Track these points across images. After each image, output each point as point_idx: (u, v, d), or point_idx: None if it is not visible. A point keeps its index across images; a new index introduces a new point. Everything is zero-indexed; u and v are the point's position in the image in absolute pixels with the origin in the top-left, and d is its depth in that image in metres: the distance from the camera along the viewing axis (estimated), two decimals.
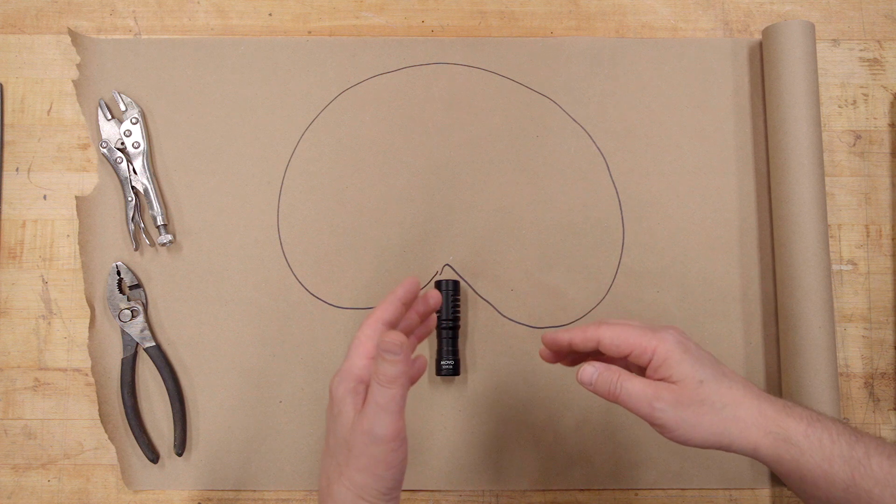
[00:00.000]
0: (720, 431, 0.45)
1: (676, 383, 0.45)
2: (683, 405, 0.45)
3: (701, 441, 0.45)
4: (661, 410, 0.45)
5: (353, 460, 0.43)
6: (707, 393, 0.45)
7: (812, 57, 0.64)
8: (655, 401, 0.45)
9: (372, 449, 0.42)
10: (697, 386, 0.45)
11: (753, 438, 0.44)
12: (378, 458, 0.42)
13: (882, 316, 0.66)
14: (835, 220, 0.67)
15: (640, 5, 0.70)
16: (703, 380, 0.45)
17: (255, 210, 0.66)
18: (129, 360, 0.64)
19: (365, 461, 0.43)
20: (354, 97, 0.68)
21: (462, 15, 0.70)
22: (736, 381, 0.46)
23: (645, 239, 0.66)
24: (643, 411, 0.45)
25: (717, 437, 0.45)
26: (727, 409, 0.45)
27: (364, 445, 0.42)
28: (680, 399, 0.45)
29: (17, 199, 0.67)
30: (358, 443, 0.43)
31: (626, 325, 0.48)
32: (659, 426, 0.45)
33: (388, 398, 0.42)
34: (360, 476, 0.43)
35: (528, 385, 0.65)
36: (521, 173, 0.67)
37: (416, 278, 0.49)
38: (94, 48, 0.68)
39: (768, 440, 0.44)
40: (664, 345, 0.46)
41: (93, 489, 0.64)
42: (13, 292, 0.66)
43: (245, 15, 0.69)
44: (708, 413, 0.45)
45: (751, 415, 0.45)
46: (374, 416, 0.42)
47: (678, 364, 0.45)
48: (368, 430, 0.42)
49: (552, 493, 0.64)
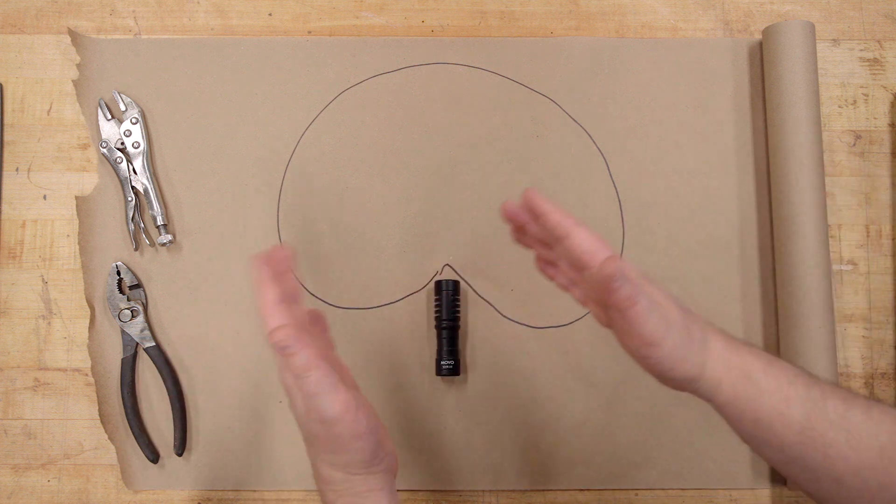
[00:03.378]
0: (700, 362, 0.43)
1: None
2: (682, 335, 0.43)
3: (684, 372, 0.43)
4: (664, 337, 0.42)
5: (324, 445, 0.44)
6: (689, 323, 0.44)
7: (812, 57, 0.64)
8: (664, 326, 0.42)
9: (332, 430, 0.43)
10: (685, 315, 0.44)
11: (719, 373, 0.43)
12: (341, 435, 0.43)
13: (882, 316, 0.66)
14: (835, 220, 0.67)
15: (640, 5, 0.70)
16: (684, 311, 0.44)
17: (255, 210, 0.66)
18: (129, 360, 0.64)
19: (332, 443, 0.43)
20: (354, 97, 0.68)
21: (462, 15, 0.70)
22: (698, 315, 0.45)
23: (645, 239, 0.66)
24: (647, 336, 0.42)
25: (698, 367, 0.43)
26: (706, 342, 0.44)
27: (324, 431, 0.43)
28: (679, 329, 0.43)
29: (17, 199, 0.67)
30: (317, 430, 0.44)
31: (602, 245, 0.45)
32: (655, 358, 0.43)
33: (314, 383, 0.42)
34: (337, 456, 0.44)
35: (528, 385, 0.65)
36: (521, 173, 0.67)
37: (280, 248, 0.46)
38: (94, 48, 0.68)
39: (731, 375, 0.43)
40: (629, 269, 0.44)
41: (93, 489, 0.64)
42: (13, 292, 0.66)
43: (245, 15, 0.69)
44: (695, 342, 0.43)
45: (719, 347, 0.44)
46: (314, 403, 0.42)
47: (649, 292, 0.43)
48: (319, 418, 0.43)
49: (552, 493, 0.64)
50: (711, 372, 0.43)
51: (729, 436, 0.63)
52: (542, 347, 0.65)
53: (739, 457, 0.64)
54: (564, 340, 0.65)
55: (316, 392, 0.42)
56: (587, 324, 0.65)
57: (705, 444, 0.64)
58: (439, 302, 0.63)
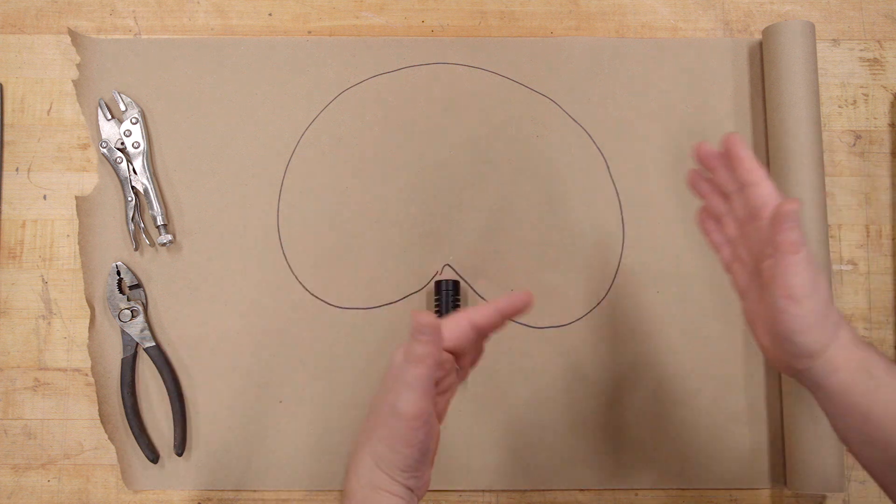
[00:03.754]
0: (827, 340, 0.43)
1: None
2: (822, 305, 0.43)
3: (810, 341, 0.43)
4: (808, 296, 0.43)
5: (378, 428, 0.43)
6: (830, 302, 0.44)
7: (812, 57, 0.64)
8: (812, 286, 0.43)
9: (392, 421, 0.42)
10: (830, 293, 0.44)
11: (840, 360, 0.43)
12: (397, 432, 0.42)
13: (882, 316, 0.66)
14: (835, 220, 0.67)
15: (640, 5, 0.70)
16: (830, 291, 0.45)
17: (255, 210, 0.66)
18: (129, 360, 0.64)
19: (385, 431, 0.43)
20: (354, 97, 0.68)
21: (462, 15, 0.70)
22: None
23: (645, 239, 0.66)
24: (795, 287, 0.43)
25: (823, 344, 0.43)
26: (838, 327, 0.44)
27: (386, 416, 0.43)
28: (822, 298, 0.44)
29: (17, 199, 0.67)
30: (382, 412, 0.43)
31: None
32: (792, 314, 0.43)
33: (413, 376, 0.42)
34: (380, 446, 0.43)
35: (528, 385, 0.65)
36: (521, 173, 0.67)
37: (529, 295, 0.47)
38: (94, 48, 0.68)
39: (850, 365, 0.43)
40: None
41: (93, 489, 0.64)
42: (13, 292, 0.66)
43: (245, 15, 0.69)
44: (829, 320, 0.44)
45: (847, 336, 0.44)
46: (398, 390, 0.42)
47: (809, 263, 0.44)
48: (392, 402, 0.42)
49: (552, 493, 0.64)
50: (832, 356, 0.43)
51: (729, 436, 0.64)
52: (542, 347, 0.65)
53: (739, 457, 0.64)
54: (564, 340, 0.65)
55: (408, 383, 0.42)
56: (587, 324, 0.65)
57: (705, 444, 0.64)
58: (439, 302, 0.63)
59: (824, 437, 0.60)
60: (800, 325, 0.43)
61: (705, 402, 0.64)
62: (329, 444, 0.64)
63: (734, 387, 0.64)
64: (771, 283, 0.44)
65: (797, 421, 0.61)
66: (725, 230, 0.51)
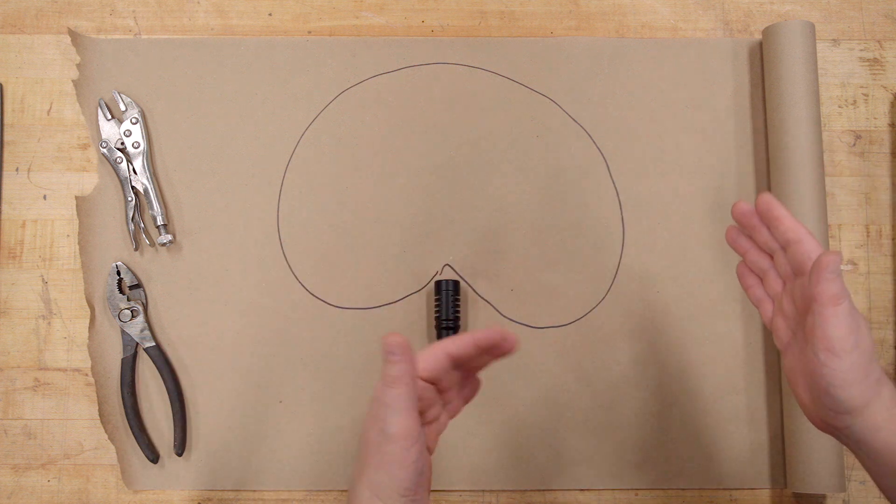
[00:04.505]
0: (868, 397, 0.42)
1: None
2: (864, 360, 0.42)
3: (851, 397, 0.42)
4: (849, 351, 0.42)
5: (370, 457, 0.43)
6: (873, 357, 0.43)
7: (812, 57, 0.64)
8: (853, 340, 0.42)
9: (384, 446, 0.43)
10: (873, 348, 0.43)
11: (881, 418, 0.42)
12: (390, 456, 0.42)
13: (882, 316, 0.66)
14: (835, 220, 0.67)
15: (640, 5, 0.70)
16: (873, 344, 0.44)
17: (255, 210, 0.66)
18: (129, 360, 0.64)
19: (379, 458, 0.43)
20: (354, 97, 0.68)
21: (462, 15, 0.70)
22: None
23: (645, 239, 0.66)
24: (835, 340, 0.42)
25: (864, 401, 0.42)
26: (880, 384, 0.43)
27: (377, 444, 0.43)
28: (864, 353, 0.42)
29: (17, 199, 0.67)
30: (372, 442, 0.43)
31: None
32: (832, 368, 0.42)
33: (392, 397, 0.42)
34: (376, 474, 0.43)
35: (528, 385, 0.65)
36: (521, 173, 0.67)
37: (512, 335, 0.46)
38: (94, 48, 0.68)
39: (893, 424, 0.42)
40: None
41: (93, 489, 0.64)
42: (13, 292, 0.66)
43: (245, 15, 0.69)
44: (871, 377, 0.43)
45: (889, 394, 0.43)
46: (383, 416, 0.43)
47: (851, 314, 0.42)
48: (380, 428, 0.43)
49: (552, 493, 0.64)
50: (873, 414, 0.42)
51: (729, 436, 0.64)
52: (542, 347, 0.65)
53: (739, 457, 0.64)
54: (564, 340, 0.65)
55: (390, 405, 0.42)
56: (587, 324, 0.65)
57: (705, 444, 0.64)
58: (439, 302, 0.63)
59: (824, 438, 0.60)
60: (840, 379, 0.42)
61: (705, 402, 0.64)
62: (329, 444, 0.64)
63: (734, 387, 0.64)
64: (811, 336, 0.43)
65: (797, 421, 0.61)
66: (769, 286, 0.50)
